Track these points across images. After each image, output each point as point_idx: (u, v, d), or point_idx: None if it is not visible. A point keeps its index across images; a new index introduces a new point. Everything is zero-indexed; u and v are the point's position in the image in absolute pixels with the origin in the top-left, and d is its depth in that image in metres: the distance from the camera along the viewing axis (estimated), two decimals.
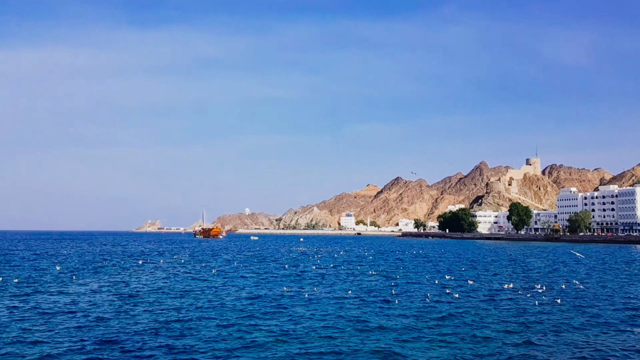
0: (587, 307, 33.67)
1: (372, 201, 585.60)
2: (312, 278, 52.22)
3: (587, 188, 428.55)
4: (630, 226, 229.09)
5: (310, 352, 21.81)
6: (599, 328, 27.12)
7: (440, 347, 22.83)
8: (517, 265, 72.19)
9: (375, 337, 24.53)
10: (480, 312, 31.42)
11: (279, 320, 28.81)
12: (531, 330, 26.43)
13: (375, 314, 30.85)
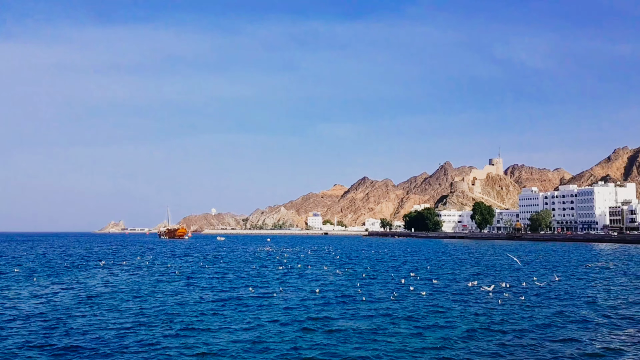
0: (548, 305, 34.47)
1: (339, 201, 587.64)
2: (278, 278, 52.07)
3: (547, 188, 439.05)
4: (588, 225, 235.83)
5: (271, 349, 21.73)
6: (561, 325, 27.79)
7: (405, 346, 23.04)
8: (481, 264, 73.51)
9: (338, 336, 24.58)
10: (445, 311, 31.84)
11: (241, 321, 28.59)
12: (495, 328, 26.90)
13: (340, 313, 30.94)
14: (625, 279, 52.09)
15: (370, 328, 26.51)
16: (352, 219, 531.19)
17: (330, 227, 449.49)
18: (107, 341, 23.70)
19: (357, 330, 25.88)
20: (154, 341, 23.73)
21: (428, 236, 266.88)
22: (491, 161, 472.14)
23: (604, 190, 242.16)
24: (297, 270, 62.65)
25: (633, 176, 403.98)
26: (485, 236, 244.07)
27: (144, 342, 23.57)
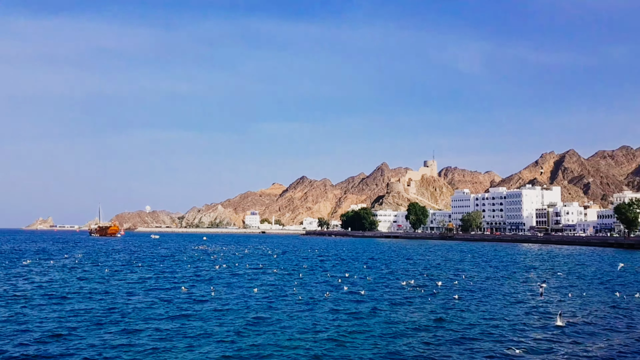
0: (482, 304, 35.56)
1: (277, 200, 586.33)
2: (212, 277, 51.21)
3: (478, 189, 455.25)
4: (516, 225, 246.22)
5: (205, 350, 21.28)
6: (495, 323, 28.70)
7: (339, 344, 23.11)
8: (416, 263, 75.17)
9: (273, 336, 24.39)
10: (379, 309, 32.23)
11: (172, 322, 27.89)
12: (430, 326, 27.43)
13: (277, 312, 30.74)
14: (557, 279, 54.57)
15: (302, 325, 26.45)
16: (290, 218, 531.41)
17: (268, 226, 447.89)
18: (25, 346, 22.48)
19: (285, 330, 25.76)
20: (77, 342, 22.71)
21: (364, 235, 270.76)
22: (426, 163, 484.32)
23: (531, 193, 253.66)
24: (233, 269, 61.86)
25: (558, 180, 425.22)
26: (419, 236, 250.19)
27: (65, 344, 22.51)
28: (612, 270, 63.33)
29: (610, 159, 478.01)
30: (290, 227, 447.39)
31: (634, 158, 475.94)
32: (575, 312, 31.94)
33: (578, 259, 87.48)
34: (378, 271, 60.49)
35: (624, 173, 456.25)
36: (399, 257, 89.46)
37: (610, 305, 34.91)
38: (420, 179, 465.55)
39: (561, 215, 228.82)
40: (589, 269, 65.84)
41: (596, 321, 28.96)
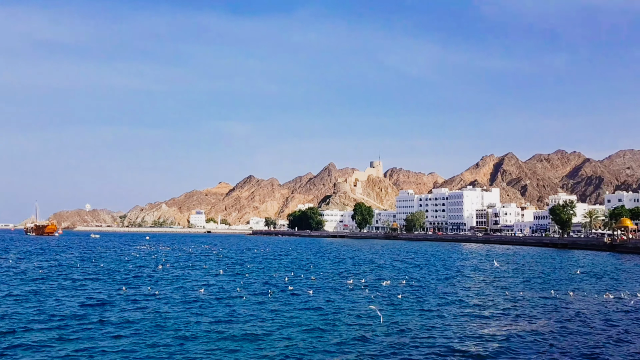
0: (424, 302, 36.77)
1: (223, 199, 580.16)
2: (155, 278, 50.54)
3: (422, 190, 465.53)
4: (457, 226, 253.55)
5: (137, 350, 21.31)
6: (435, 321, 29.81)
7: (275, 344, 23.54)
8: (361, 262, 76.47)
9: (215, 335, 24.60)
10: (323, 308, 32.85)
11: (112, 323, 27.60)
12: (371, 325, 28.23)
13: (220, 312, 30.86)
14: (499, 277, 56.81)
15: (244, 326, 26.74)
16: (236, 218, 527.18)
17: (213, 225, 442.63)
18: None
19: (233, 327, 26.00)
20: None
21: (311, 235, 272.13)
22: (372, 164, 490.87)
23: (472, 194, 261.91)
24: (177, 269, 61.19)
25: (497, 182, 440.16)
26: (365, 235, 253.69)
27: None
28: (549, 271, 66.48)
29: (546, 162, 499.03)
30: (236, 227, 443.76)
31: (568, 162, 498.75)
32: (509, 306, 33.58)
33: (518, 259, 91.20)
34: (324, 271, 61.26)
35: (559, 176, 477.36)
36: (345, 257, 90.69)
37: (549, 305, 36.77)
38: (367, 180, 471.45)
39: (500, 216, 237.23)
40: (531, 269, 68.90)
41: (532, 314, 30.57)
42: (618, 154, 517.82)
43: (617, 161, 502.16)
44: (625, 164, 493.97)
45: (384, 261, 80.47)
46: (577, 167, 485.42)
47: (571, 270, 65.82)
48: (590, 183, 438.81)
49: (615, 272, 63.75)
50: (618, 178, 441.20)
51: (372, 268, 66.35)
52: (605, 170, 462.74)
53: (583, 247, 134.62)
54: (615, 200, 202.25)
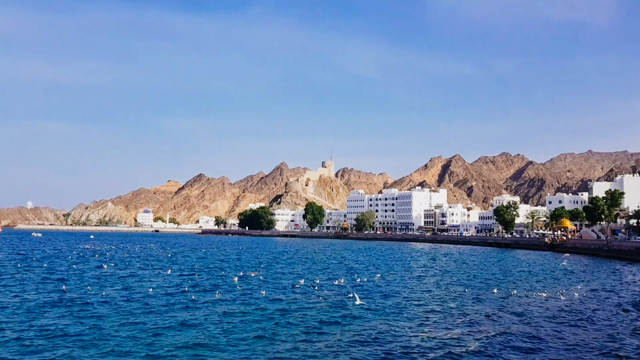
0: (373, 301, 37.42)
1: (172, 197, 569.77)
2: (98, 277, 49.41)
3: (373, 190, 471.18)
4: (406, 225, 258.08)
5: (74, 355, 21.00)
6: (387, 319, 30.44)
7: (236, 343, 23.63)
8: (312, 261, 76.97)
9: (169, 335, 24.44)
10: (265, 309, 33.03)
11: (52, 325, 26.96)
12: (320, 324, 28.60)
13: (169, 313, 30.59)
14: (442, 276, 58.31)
15: (195, 327, 26.66)
16: (186, 217, 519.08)
17: (162, 224, 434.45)
18: None
19: (182, 327, 25.89)
20: None
21: (262, 234, 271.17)
22: (324, 164, 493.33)
23: (421, 195, 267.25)
24: (122, 269, 59.96)
25: (445, 183, 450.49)
26: (316, 235, 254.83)
27: None
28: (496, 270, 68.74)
29: (491, 165, 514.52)
30: (185, 226, 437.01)
31: (512, 164, 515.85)
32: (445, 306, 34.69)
33: (463, 258, 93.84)
34: (275, 270, 61.37)
35: (504, 178, 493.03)
36: (296, 257, 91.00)
37: (489, 303, 38.10)
38: (318, 179, 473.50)
39: (447, 216, 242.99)
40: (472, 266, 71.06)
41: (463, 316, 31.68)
42: (559, 157, 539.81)
43: (558, 164, 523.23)
44: (566, 167, 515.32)
45: (335, 260, 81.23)
46: (520, 169, 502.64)
47: (512, 269, 68.33)
48: (532, 185, 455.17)
49: (553, 271, 66.59)
50: (559, 180, 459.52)
51: (323, 267, 66.92)
52: (547, 172, 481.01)
53: (525, 246, 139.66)
54: (556, 201, 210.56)
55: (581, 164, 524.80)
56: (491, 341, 24.16)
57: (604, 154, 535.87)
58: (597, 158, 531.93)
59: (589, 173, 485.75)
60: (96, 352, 21.50)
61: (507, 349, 22.72)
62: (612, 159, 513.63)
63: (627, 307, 34.60)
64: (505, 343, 23.81)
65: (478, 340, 24.42)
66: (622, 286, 48.31)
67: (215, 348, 22.52)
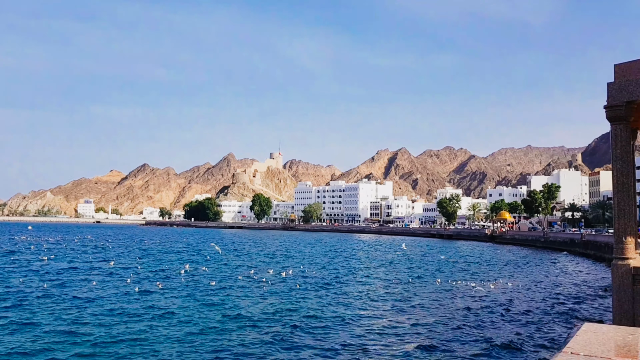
0: (318, 291, 37.97)
1: (115, 188, 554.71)
2: (35, 270, 47.88)
3: (320, 182, 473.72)
4: (353, 217, 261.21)
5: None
6: (334, 309, 30.98)
7: (161, 341, 23.56)
8: (259, 253, 77.02)
9: (95, 330, 24.14)
10: (216, 301, 33.04)
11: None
12: (268, 316, 28.86)
13: (106, 305, 30.12)
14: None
15: (125, 324, 26.42)
16: (129, 208, 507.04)
17: (103, 215, 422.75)
18: None
19: (109, 324, 25.60)
20: None
21: (208, 226, 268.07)
22: (272, 155, 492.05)
23: (367, 187, 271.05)
24: (62, 262, 58.25)
25: (391, 175, 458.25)
26: (263, 226, 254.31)
27: None
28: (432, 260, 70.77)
29: (436, 158, 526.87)
30: (129, 217, 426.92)
31: (455, 157, 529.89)
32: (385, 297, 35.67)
33: (406, 249, 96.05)
34: (221, 262, 61.11)
35: (447, 171, 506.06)
36: (243, 248, 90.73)
37: (425, 292, 39.34)
38: (266, 171, 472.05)
39: (392, 208, 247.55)
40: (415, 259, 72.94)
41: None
42: (500, 151, 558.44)
43: (499, 158, 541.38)
44: (506, 161, 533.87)
45: (283, 252, 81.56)
46: (463, 163, 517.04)
47: (453, 259, 70.60)
48: (474, 178, 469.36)
49: (491, 261, 69.25)
50: (499, 174, 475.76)
51: (270, 259, 67.12)
52: (488, 166, 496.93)
53: (466, 238, 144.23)
54: (496, 194, 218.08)
55: (521, 158, 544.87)
56: (419, 331, 25.05)
57: (542, 149, 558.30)
58: (536, 153, 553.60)
59: (528, 167, 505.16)
60: (19, 346, 21.03)
61: (437, 338, 23.61)
62: (549, 153, 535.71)
63: (557, 297, 36.49)
64: (436, 333, 24.74)
65: (413, 331, 25.27)
66: (555, 276, 50.84)
67: (154, 340, 22.42)
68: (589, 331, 3.67)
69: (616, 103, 10.10)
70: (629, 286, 9.85)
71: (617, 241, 10.19)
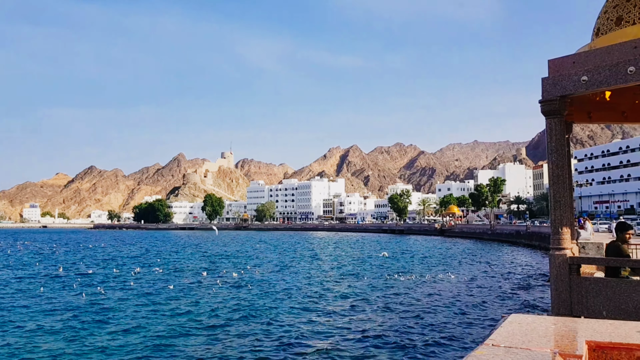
0: (270, 292, 37.70)
1: (61, 191, 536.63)
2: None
3: (273, 181, 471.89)
4: (306, 215, 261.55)
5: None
6: (285, 306, 30.78)
7: (111, 346, 22.93)
8: (212, 254, 75.96)
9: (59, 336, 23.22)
10: (171, 303, 32.35)
11: None
12: (222, 315, 28.44)
13: (52, 312, 29.03)
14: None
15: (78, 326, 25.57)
16: (76, 211, 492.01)
17: (50, 219, 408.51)
18: None
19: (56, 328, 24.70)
20: None
21: (158, 228, 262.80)
22: (223, 155, 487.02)
23: (320, 185, 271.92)
24: (4, 266, 55.77)
25: (343, 172, 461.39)
26: (215, 227, 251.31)
27: None
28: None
29: (386, 154, 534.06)
30: (76, 221, 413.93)
31: (405, 154, 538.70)
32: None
33: (357, 245, 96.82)
34: (173, 264, 59.95)
35: (398, 167, 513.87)
36: (194, 249, 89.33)
37: (378, 288, 39.69)
38: (218, 171, 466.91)
39: (345, 205, 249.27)
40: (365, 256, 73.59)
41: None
42: (448, 147, 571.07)
43: (447, 154, 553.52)
44: (454, 157, 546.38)
45: (235, 251, 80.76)
46: (413, 159, 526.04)
47: (403, 254, 71.63)
48: (424, 174, 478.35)
49: (439, 254, 70.67)
50: (448, 169, 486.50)
51: (223, 259, 66.31)
52: (437, 162, 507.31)
53: (417, 232, 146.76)
54: (445, 189, 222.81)
55: (468, 153, 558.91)
56: (357, 326, 25.28)
57: (488, 144, 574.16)
58: (482, 148, 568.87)
59: (475, 162, 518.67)
60: None
61: (375, 333, 23.85)
62: (495, 148, 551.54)
63: (500, 288, 37.50)
64: (375, 328, 24.99)
65: (350, 327, 25.46)
66: (500, 267, 52.27)
67: (92, 343, 21.73)
68: (514, 322, 3.76)
69: (550, 98, 10.35)
70: (566, 276, 10.10)
71: (554, 232, 10.45)
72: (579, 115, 14.09)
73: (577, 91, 10.03)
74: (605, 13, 11.36)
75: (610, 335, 3.43)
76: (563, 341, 3.32)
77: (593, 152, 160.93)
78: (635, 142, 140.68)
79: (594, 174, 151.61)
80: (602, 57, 9.84)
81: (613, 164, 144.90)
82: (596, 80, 9.80)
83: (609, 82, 9.69)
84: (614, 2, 11.12)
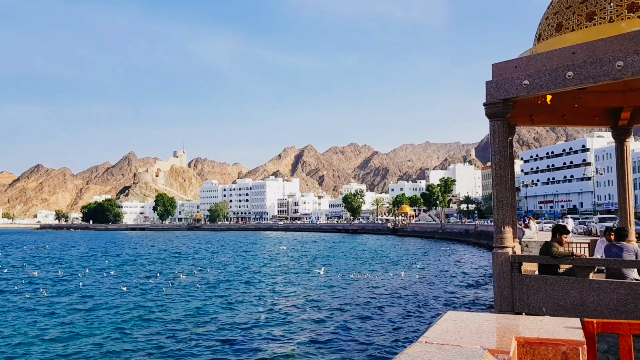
0: (218, 295, 37.27)
1: (6, 190, 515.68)
2: None
3: (227, 181, 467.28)
4: (260, 215, 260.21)
5: None
6: (236, 307, 30.46)
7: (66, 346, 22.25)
8: (162, 255, 74.56)
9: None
10: (109, 306, 31.57)
11: None
12: (173, 318, 27.92)
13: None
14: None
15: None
16: (22, 211, 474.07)
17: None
18: None
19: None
20: None
21: (108, 228, 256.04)
22: (176, 153, 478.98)
23: (274, 184, 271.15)
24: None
25: (298, 172, 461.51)
26: (167, 227, 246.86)
27: None
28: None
29: (341, 154, 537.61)
30: (22, 221, 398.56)
31: (360, 154, 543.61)
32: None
33: (310, 245, 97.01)
34: (123, 266, 58.54)
35: (352, 167, 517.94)
36: (144, 251, 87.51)
37: (333, 287, 39.85)
38: (170, 170, 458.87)
39: (299, 204, 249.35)
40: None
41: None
42: (401, 147, 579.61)
43: (400, 154, 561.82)
44: (407, 157, 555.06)
45: (186, 253, 79.57)
46: (367, 159, 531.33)
47: (355, 253, 72.24)
48: (378, 174, 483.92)
49: (391, 253, 71.61)
50: (401, 169, 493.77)
51: (172, 260, 65.20)
52: (390, 162, 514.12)
53: (370, 231, 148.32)
54: (397, 189, 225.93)
55: (420, 153, 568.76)
56: (307, 326, 25.38)
57: (440, 145, 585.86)
58: (434, 148, 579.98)
59: (426, 162, 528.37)
60: None
61: (323, 333, 24.00)
62: (446, 149, 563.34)
63: (448, 286, 38.31)
64: (323, 328, 25.13)
65: (300, 326, 25.52)
66: (448, 265, 53.40)
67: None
68: (449, 319, 3.83)
69: (494, 100, 10.60)
70: (508, 273, 10.36)
71: (497, 231, 10.71)
72: (521, 118, 14.53)
73: (519, 94, 10.34)
74: (547, 19, 11.75)
75: (539, 332, 3.55)
76: (494, 337, 3.42)
77: (538, 153, 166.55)
78: (578, 144, 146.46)
79: (539, 175, 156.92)
80: (543, 62, 10.16)
81: (557, 165, 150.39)
82: (537, 84, 10.11)
83: (549, 86, 10.02)
84: (555, 9, 11.52)
